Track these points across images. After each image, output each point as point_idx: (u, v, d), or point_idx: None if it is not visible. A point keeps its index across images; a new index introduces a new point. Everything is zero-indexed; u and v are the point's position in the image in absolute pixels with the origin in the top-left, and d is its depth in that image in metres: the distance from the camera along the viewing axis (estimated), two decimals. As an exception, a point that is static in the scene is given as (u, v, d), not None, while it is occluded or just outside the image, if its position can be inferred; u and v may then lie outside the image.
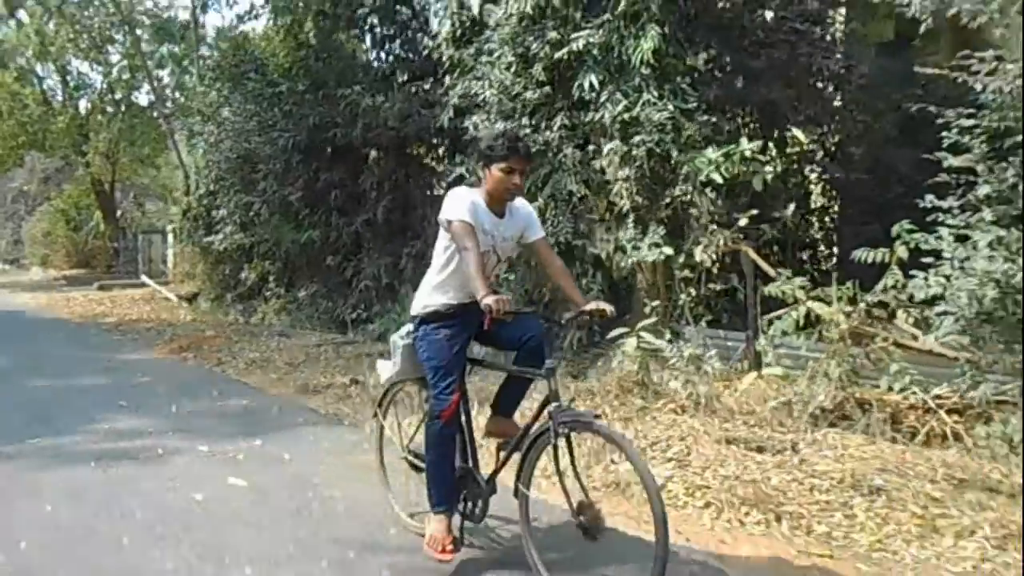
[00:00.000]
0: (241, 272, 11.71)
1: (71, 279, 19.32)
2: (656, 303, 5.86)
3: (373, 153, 8.61)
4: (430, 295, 3.05)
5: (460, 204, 2.86)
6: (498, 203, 2.96)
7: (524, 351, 2.98)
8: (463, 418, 3.04)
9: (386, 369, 3.31)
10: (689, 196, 5.78)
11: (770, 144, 6.72)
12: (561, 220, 6.50)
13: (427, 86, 8.26)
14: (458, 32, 7.34)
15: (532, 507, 2.93)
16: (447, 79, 7.39)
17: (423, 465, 3.11)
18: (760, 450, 3.90)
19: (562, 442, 2.71)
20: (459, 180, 7.12)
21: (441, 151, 8.74)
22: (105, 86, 20.79)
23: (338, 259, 9.06)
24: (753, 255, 5.61)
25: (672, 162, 5.89)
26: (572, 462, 2.71)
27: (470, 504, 3.04)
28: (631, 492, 3.55)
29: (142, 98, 21.05)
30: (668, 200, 5.95)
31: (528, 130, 6.45)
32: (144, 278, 17.01)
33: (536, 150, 6.21)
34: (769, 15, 6.70)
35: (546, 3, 6.38)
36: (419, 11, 9.22)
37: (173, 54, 18.99)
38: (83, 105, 21.64)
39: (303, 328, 9.12)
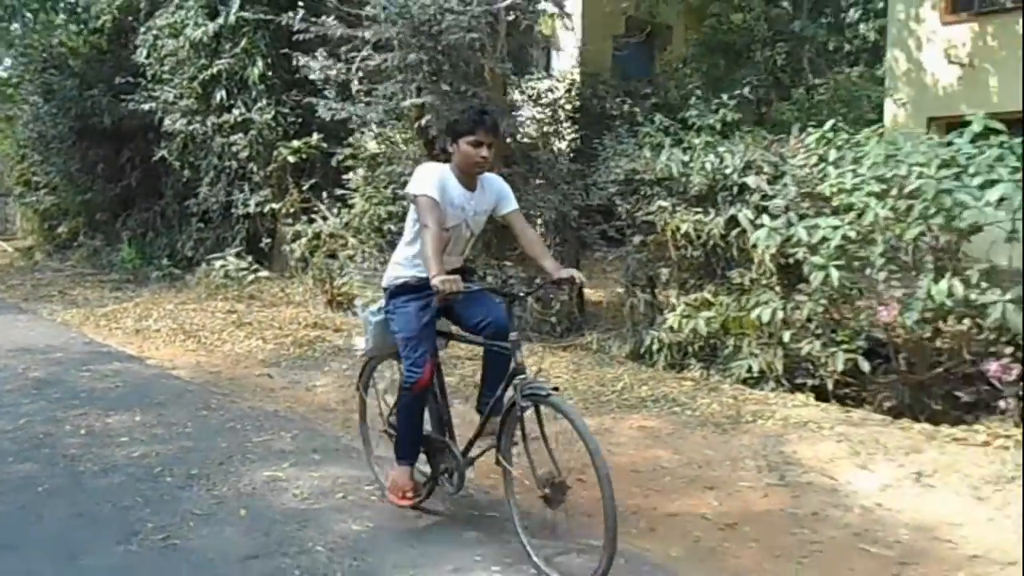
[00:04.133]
0: (59, 227, 14.64)
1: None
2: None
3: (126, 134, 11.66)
4: (400, 268, 3.11)
5: (427, 178, 2.91)
6: (468, 177, 3.00)
7: (486, 333, 3.02)
8: (437, 390, 3.13)
9: (360, 344, 3.35)
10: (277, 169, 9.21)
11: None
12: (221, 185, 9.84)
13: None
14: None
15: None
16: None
17: None
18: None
19: (530, 414, 2.75)
20: (162, 161, 10.32)
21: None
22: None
23: (107, 215, 12.20)
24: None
25: (272, 147, 9.26)
26: (542, 433, 2.73)
27: (447, 476, 3.12)
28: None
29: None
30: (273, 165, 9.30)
31: (195, 125, 9.70)
32: (-8, 236, 19.53)
33: (199, 139, 9.49)
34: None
35: (199, 39, 9.57)
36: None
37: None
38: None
39: (85, 269, 12.23)
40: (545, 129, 13.03)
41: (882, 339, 4.80)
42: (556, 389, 2.81)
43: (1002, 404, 4.33)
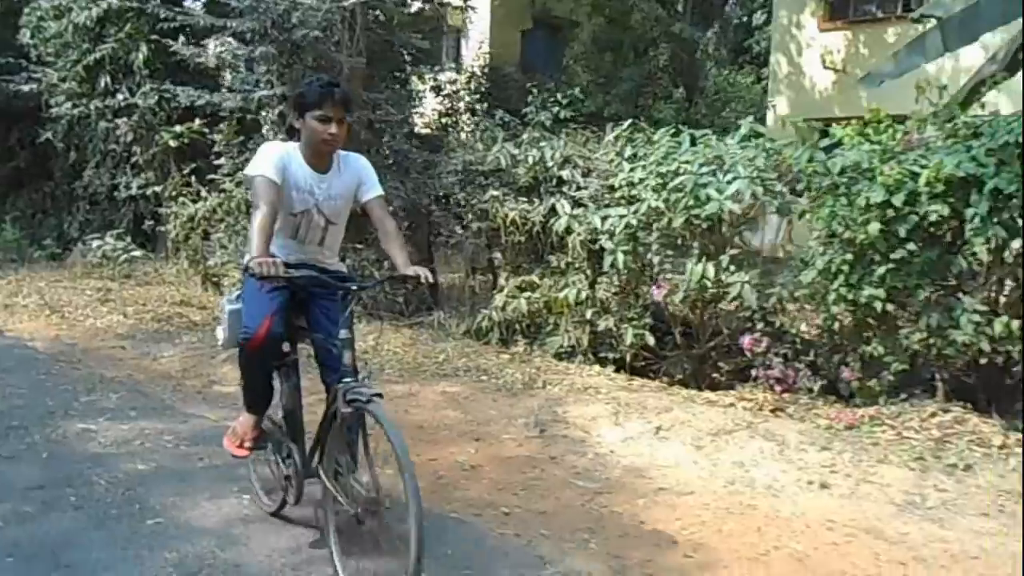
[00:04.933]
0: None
1: None
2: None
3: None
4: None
5: (266, 158, 2.70)
6: (318, 156, 2.76)
7: (316, 337, 2.84)
8: (295, 391, 2.93)
9: (219, 334, 3.13)
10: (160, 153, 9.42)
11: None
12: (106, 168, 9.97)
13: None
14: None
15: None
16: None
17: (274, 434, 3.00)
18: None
19: (348, 421, 2.55)
20: (50, 142, 10.36)
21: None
22: None
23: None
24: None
25: (155, 131, 9.45)
26: (364, 443, 2.54)
27: (288, 482, 2.94)
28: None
29: None
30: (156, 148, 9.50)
31: (80, 108, 9.79)
32: None
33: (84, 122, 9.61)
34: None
35: (82, 23, 9.65)
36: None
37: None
38: None
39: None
40: (443, 120, 13.58)
41: (664, 316, 5.46)
42: (379, 395, 2.54)
43: (754, 372, 5.03)
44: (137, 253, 8.74)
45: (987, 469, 3.68)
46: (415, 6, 9.65)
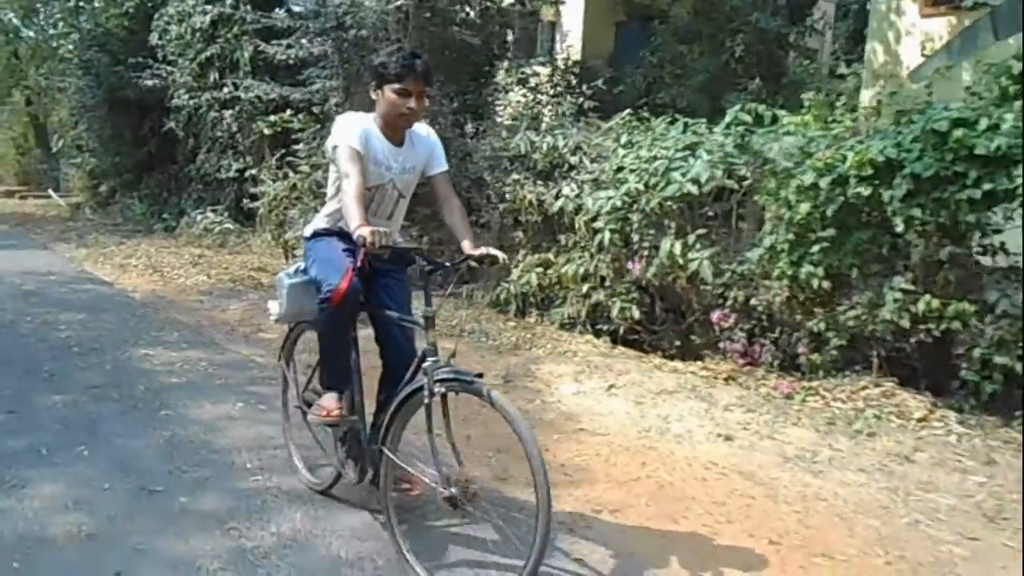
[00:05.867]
0: (100, 186, 16.66)
1: (10, 192, 24.33)
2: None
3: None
4: (322, 220, 2.92)
5: (348, 129, 2.65)
6: (393, 130, 2.73)
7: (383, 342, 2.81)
8: (354, 355, 2.83)
9: (274, 308, 3.12)
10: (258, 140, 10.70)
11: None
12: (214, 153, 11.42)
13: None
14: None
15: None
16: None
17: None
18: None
19: (436, 402, 2.46)
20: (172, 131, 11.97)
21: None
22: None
23: (132, 176, 14.02)
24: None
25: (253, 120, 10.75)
26: (447, 425, 2.50)
27: (352, 463, 2.90)
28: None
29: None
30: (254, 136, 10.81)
31: (195, 100, 11.28)
32: (51, 191, 21.90)
33: (198, 112, 11.09)
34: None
35: (199, 25, 11.09)
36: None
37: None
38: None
39: (114, 221, 14.10)
40: (523, 111, 14.27)
41: (650, 291, 5.89)
42: (480, 375, 2.49)
43: (722, 345, 5.39)
44: (230, 226, 10.07)
45: (891, 436, 3.96)
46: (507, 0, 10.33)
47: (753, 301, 4.96)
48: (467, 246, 2.71)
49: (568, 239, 6.54)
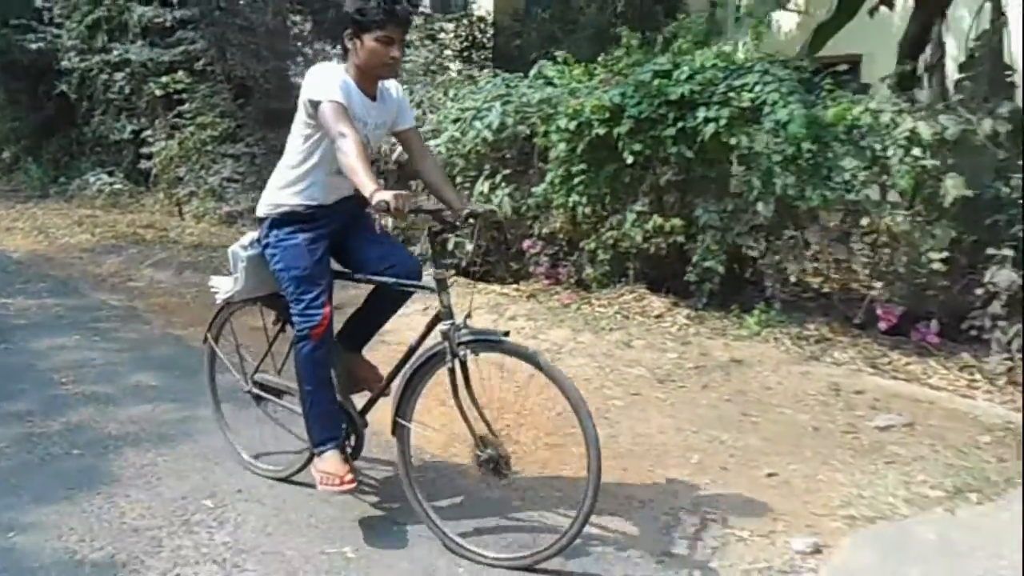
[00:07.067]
0: (2, 152, 16.63)
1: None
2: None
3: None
4: (283, 194, 2.59)
5: (330, 82, 2.38)
6: (370, 82, 2.49)
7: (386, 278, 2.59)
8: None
9: (224, 285, 2.80)
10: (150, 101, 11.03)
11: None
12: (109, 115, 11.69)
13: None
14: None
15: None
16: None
17: (274, 398, 2.87)
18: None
19: (456, 366, 2.37)
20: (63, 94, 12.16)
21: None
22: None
23: (32, 141, 14.18)
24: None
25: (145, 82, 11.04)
26: (469, 389, 2.40)
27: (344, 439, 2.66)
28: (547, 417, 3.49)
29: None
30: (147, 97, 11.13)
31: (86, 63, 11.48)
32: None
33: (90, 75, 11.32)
34: None
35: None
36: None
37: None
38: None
39: (14, 187, 14.22)
40: (431, 67, 14.69)
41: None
42: (507, 333, 2.45)
43: (531, 270, 6.17)
44: (120, 186, 10.46)
45: (627, 331, 4.79)
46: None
47: (545, 229, 5.72)
48: (456, 201, 2.58)
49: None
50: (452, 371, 2.41)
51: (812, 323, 4.73)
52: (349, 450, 2.72)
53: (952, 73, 5.65)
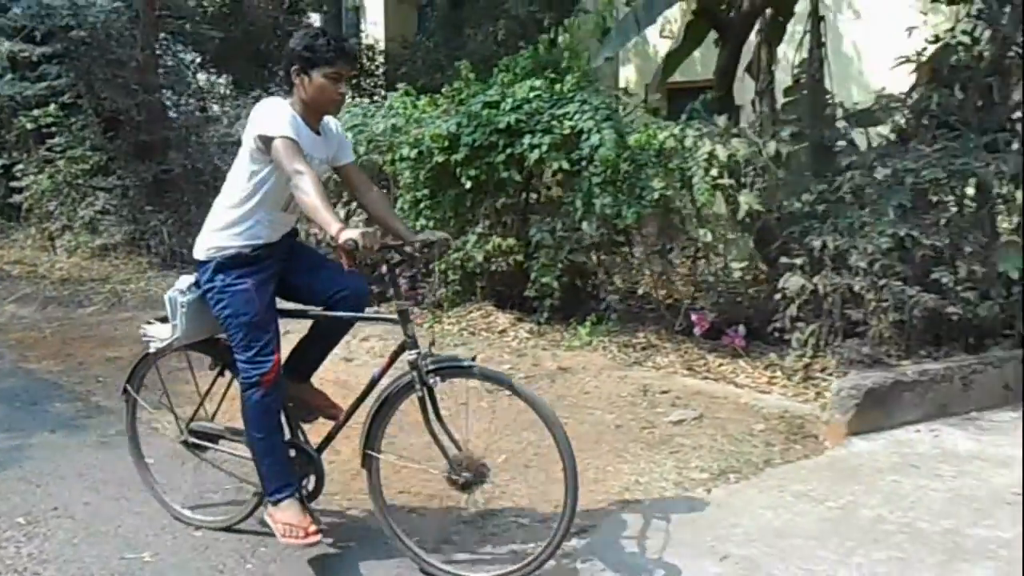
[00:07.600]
0: None
1: None
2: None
3: None
4: (224, 235, 2.53)
5: (280, 117, 2.38)
6: (316, 117, 2.52)
7: (344, 307, 2.59)
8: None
9: (160, 333, 2.69)
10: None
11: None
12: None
13: None
14: None
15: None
16: None
17: (213, 445, 2.81)
18: None
19: (425, 393, 2.41)
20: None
21: None
22: None
23: None
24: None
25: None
26: (437, 414, 2.44)
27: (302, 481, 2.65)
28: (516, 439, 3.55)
29: None
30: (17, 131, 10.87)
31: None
32: None
33: None
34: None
35: None
36: None
37: None
38: None
39: None
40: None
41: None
42: (474, 358, 2.51)
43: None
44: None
45: (470, 345, 5.05)
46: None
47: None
48: (406, 232, 2.62)
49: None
50: (422, 399, 2.45)
51: (642, 332, 5.12)
52: (306, 493, 2.68)
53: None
